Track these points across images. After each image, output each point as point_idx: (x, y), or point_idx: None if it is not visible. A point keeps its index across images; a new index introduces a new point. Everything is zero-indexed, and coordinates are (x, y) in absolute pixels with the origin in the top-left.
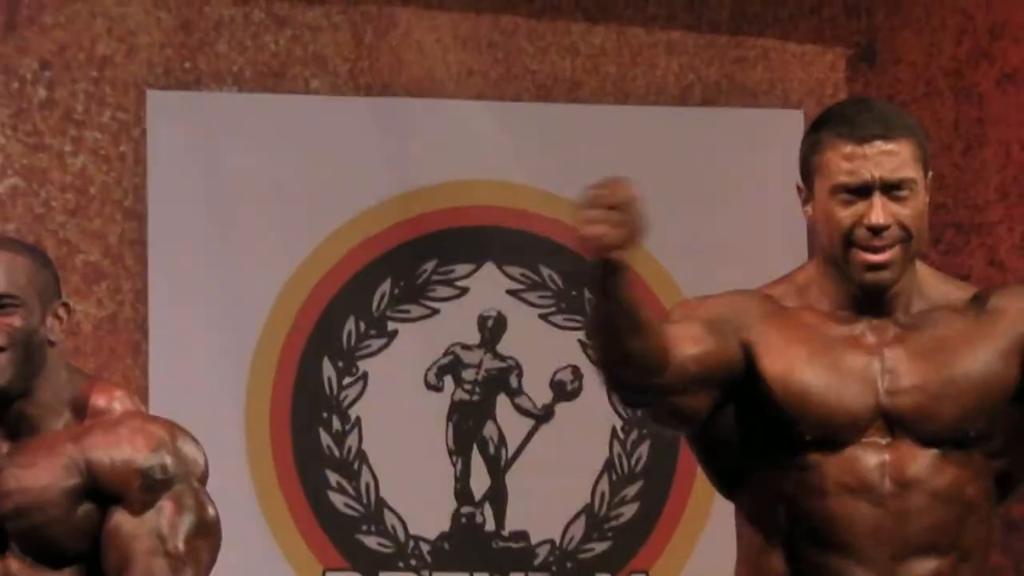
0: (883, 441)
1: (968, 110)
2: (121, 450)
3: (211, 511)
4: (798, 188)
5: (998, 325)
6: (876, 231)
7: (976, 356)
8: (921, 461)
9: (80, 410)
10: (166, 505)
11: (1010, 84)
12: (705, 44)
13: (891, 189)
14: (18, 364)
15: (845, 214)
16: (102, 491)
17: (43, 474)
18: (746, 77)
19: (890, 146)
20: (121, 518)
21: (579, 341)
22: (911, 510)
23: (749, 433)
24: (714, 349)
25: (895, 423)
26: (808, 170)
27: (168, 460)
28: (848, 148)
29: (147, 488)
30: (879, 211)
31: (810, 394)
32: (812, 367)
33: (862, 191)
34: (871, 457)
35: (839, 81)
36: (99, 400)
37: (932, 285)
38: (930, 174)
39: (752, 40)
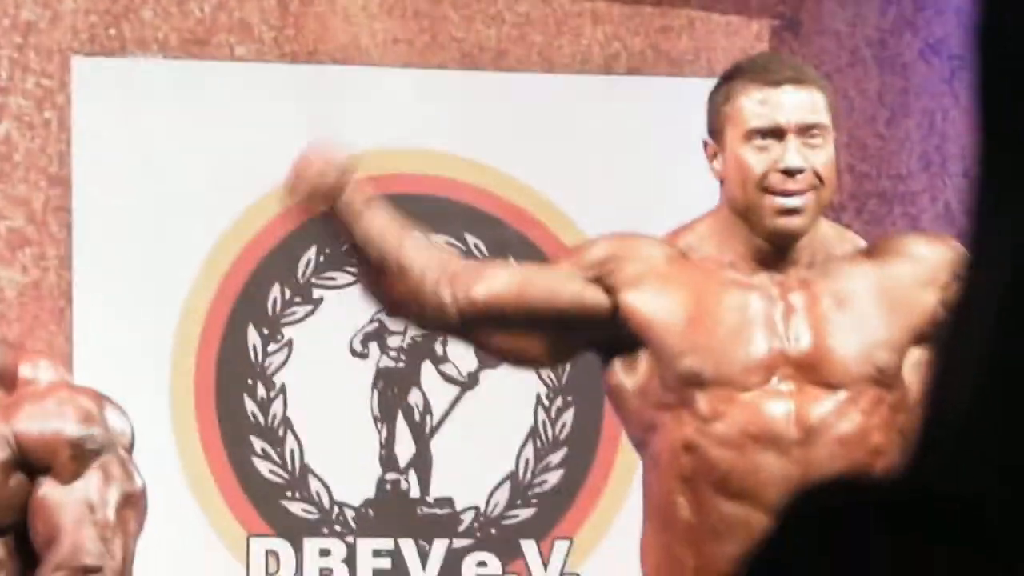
0: (787, 388)
1: (892, 80)
2: (49, 421)
3: (139, 481)
4: (705, 144)
5: (903, 265)
6: (791, 173)
7: (878, 299)
8: (826, 405)
9: (6, 381)
10: (94, 475)
11: (934, 55)
12: (630, 13)
13: (804, 133)
14: None
15: (758, 159)
16: (31, 462)
17: None
18: (671, 46)
19: (803, 91)
20: (49, 488)
21: None
22: (817, 458)
23: (648, 380)
24: (542, 289)
25: (800, 367)
26: (718, 122)
27: (96, 431)
28: (761, 93)
29: (76, 458)
30: (794, 154)
31: (701, 324)
32: (704, 301)
33: (776, 134)
34: (776, 405)
35: (764, 51)
36: (25, 371)
37: (831, 236)
38: (835, 135)
39: (677, 10)
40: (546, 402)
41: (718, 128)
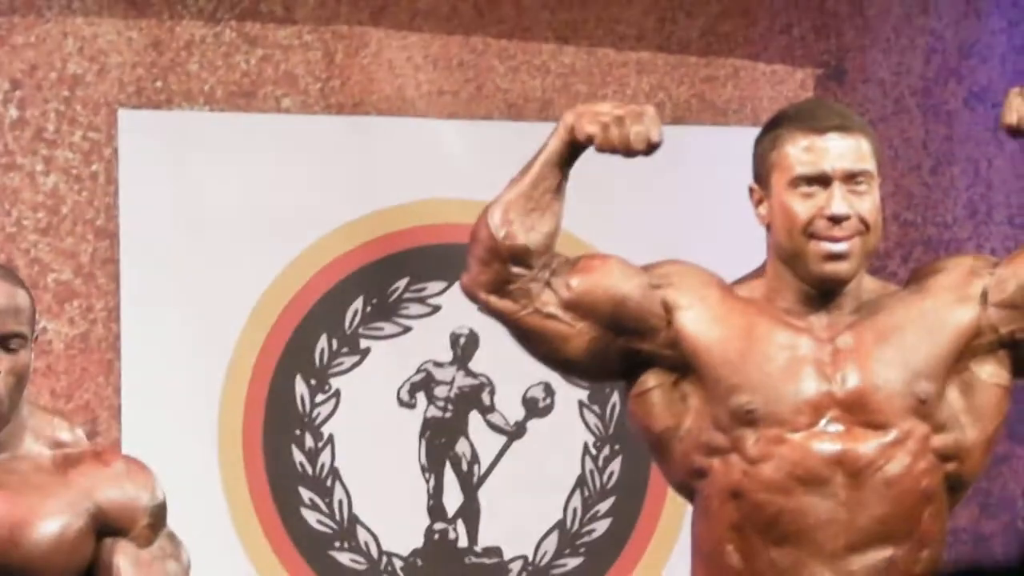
0: (835, 429)
1: (936, 128)
2: (126, 488)
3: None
4: (751, 190)
5: (938, 282)
6: (837, 220)
7: (918, 324)
8: (873, 446)
9: (46, 440)
10: (167, 542)
11: (978, 103)
12: (675, 63)
13: (850, 180)
14: (17, 397)
15: (804, 206)
16: (108, 528)
17: (45, 508)
18: (716, 95)
19: (848, 139)
20: (127, 551)
21: None
22: (864, 500)
23: (695, 421)
24: (611, 285)
25: (848, 408)
26: (764, 168)
27: (164, 498)
28: (807, 140)
29: (152, 526)
30: (839, 201)
31: (753, 360)
32: (757, 337)
33: (822, 181)
34: (823, 447)
35: (810, 97)
36: (61, 432)
37: (875, 288)
38: (880, 181)
39: (722, 59)
40: (593, 451)
41: (764, 174)
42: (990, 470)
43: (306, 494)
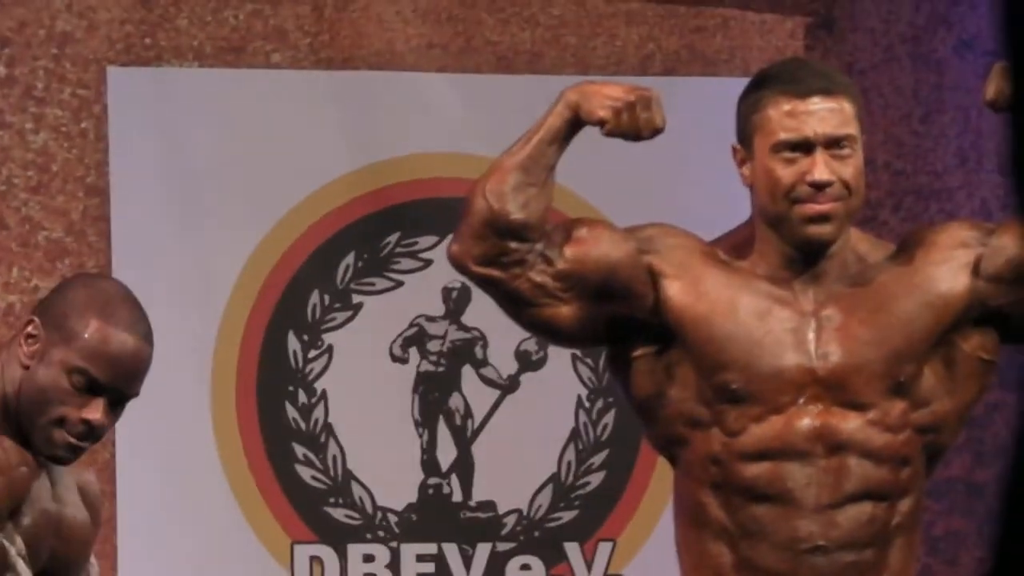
0: (814, 408)
1: (926, 76)
2: (92, 484)
3: None
4: (734, 149)
5: (929, 255)
6: (819, 187)
7: (906, 299)
8: (852, 424)
9: None
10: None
11: (968, 51)
12: (665, 14)
13: (833, 146)
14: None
15: (787, 171)
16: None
17: (78, 501)
18: (706, 46)
19: (831, 102)
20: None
21: None
22: (844, 468)
23: (677, 392)
24: (601, 255)
25: (827, 387)
26: (747, 129)
27: None
28: (789, 104)
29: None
30: (822, 167)
31: (736, 339)
32: (741, 313)
33: (804, 147)
34: (803, 424)
35: (798, 49)
36: None
37: (864, 248)
38: (864, 137)
39: (711, 10)
40: (587, 404)
41: (747, 135)
42: (982, 419)
43: (300, 450)
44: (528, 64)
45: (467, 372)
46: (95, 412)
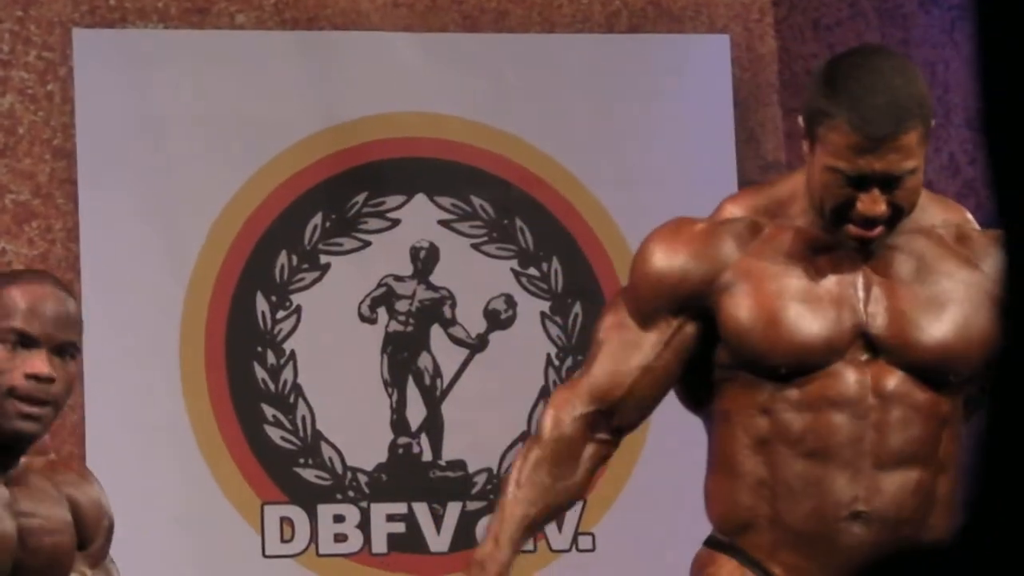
0: (863, 358)
1: (892, 32)
2: (92, 495)
3: None
4: (800, 119)
5: (987, 277)
6: (869, 221)
7: (964, 302)
8: (900, 378)
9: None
10: (112, 569)
11: (933, 5)
12: None
13: (890, 181)
14: (64, 406)
15: (839, 191)
16: (80, 529)
17: (55, 510)
18: (672, 3)
19: (898, 143)
20: (82, 568)
21: (512, 270)
22: (892, 422)
23: (722, 360)
24: (658, 359)
25: (874, 345)
26: (813, 126)
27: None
28: (855, 139)
29: (108, 540)
30: (873, 205)
31: (784, 329)
32: (786, 300)
33: (861, 181)
34: (851, 374)
35: (765, 5)
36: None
37: (920, 203)
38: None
39: None
40: (556, 362)
41: (811, 130)
42: None
43: (269, 411)
44: (494, 23)
45: (436, 331)
46: (37, 364)
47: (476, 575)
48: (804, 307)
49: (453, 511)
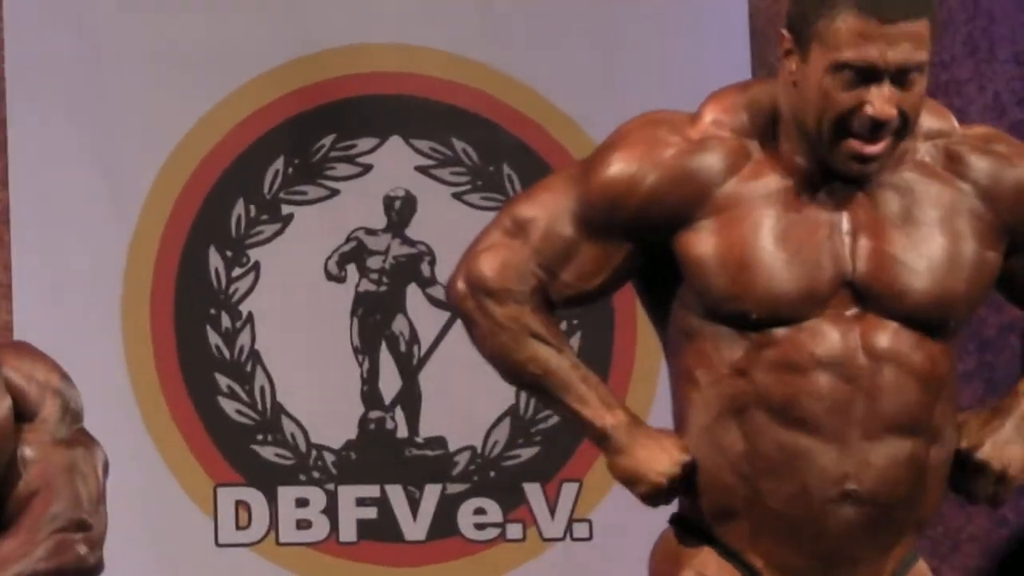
0: (850, 312)
1: None
2: (36, 370)
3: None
4: (781, 36)
5: (981, 206)
6: (878, 124)
7: (959, 241)
8: (893, 334)
9: None
10: (80, 437)
11: None
12: None
13: (901, 75)
14: None
15: (844, 96)
16: (18, 409)
17: None
18: None
19: (912, 28)
20: (38, 439)
21: None
22: (884, 386)
23: (687, 306)
24: (593, 278)
25: (863, 295)
26: (805, 30)
27: (76, 392)
28: (864, 23)
29: (64, 413)
30: (886, 102)
31: (756, 273)
32: (762, 240)
33: (870, 75)
34: (837, 330)
35: None
36: None
37: (919, 135)
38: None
39: None
40: None
41: (803, 36)
42: (995, 343)
43: (223, 381)
44: None
45: (412, 292)
46: None
47: (624, 441)
48: (781, 249)
49: (431, 495)
